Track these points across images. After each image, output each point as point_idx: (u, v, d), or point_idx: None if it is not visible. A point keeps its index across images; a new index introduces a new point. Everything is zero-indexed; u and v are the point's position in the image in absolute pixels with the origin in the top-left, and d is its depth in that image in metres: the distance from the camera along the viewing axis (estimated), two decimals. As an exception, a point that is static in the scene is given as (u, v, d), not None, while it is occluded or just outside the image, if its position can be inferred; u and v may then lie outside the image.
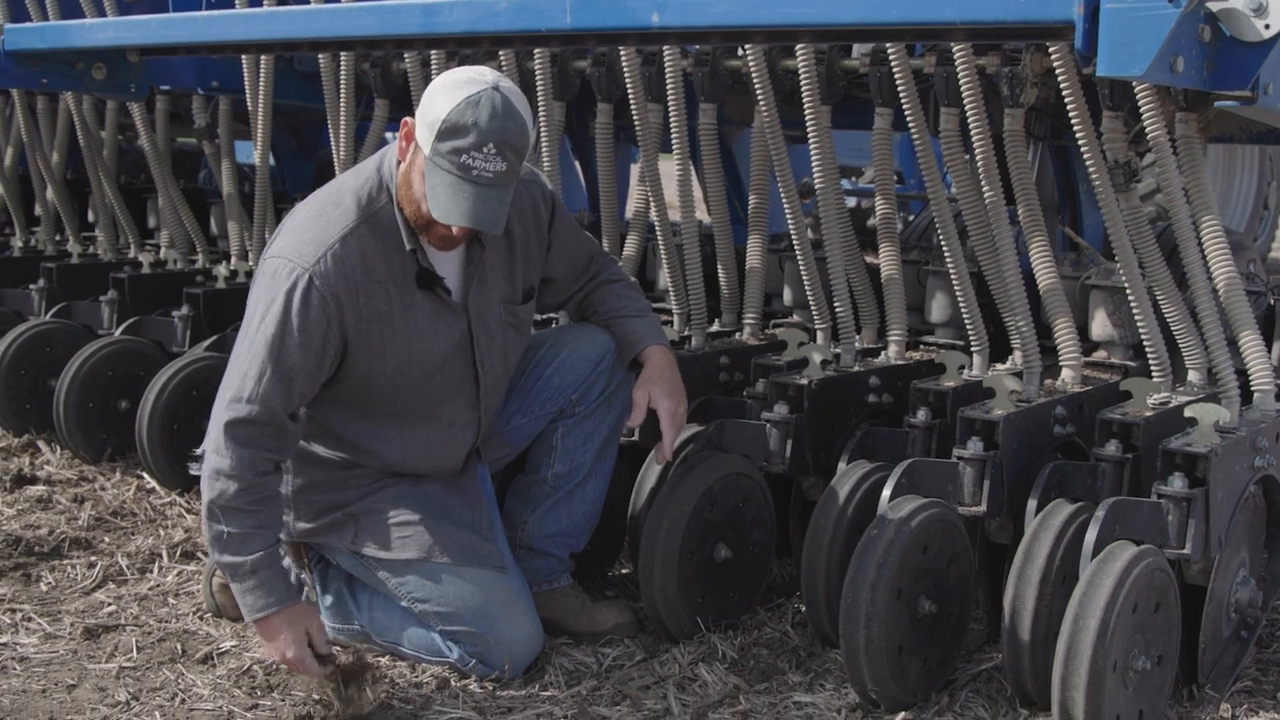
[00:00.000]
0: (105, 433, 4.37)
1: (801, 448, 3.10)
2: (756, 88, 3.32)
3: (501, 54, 3.74)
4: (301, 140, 6.16)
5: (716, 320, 3.77)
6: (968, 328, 3.20)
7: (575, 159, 5.07)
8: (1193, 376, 2.95)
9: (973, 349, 3.21)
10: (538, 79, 3.74)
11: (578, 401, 3.06)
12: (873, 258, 3.48)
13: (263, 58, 4.24)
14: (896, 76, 3.07)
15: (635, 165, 4.40)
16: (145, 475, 4.14)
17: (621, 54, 3.51)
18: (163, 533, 3.75)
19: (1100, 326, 3.35)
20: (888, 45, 3.06)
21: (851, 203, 6.99)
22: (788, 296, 3.92)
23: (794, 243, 3.43)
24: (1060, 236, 4.04)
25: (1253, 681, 2.87)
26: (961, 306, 3.19)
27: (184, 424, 3.95)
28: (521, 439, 3.12)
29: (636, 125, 3.57)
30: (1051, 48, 2.81)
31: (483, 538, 2.89)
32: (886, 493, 2.75)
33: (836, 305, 3.35)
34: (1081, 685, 2.36)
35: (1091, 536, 2.52)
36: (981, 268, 3.12)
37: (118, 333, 4.55)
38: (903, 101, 3.09)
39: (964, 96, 2.96)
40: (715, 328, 3.75)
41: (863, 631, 2.56)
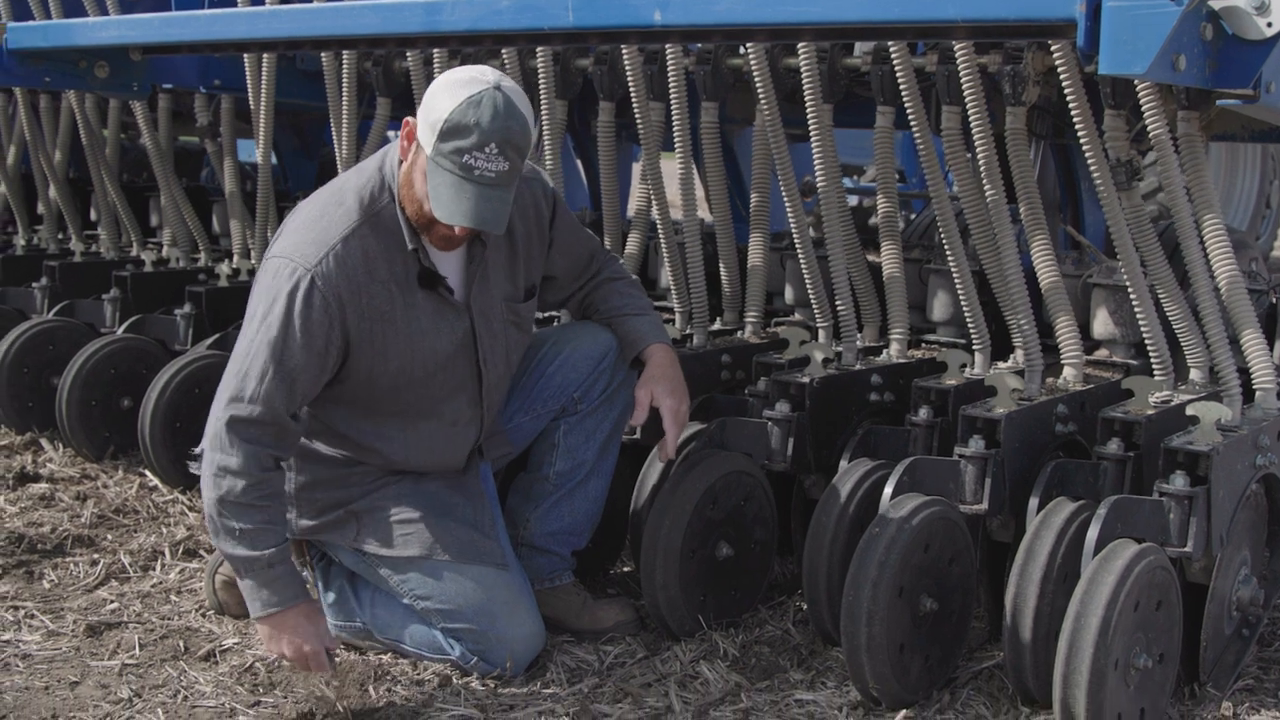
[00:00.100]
0: (108, 431, 4.37)
1: (803, 446, 3.10)
2: (758, 86, 3.32)
3: (504, 52, 3.75)
4: (304, 139, 6.15)
5: (718, 318, 3.77)
6: (969, 326, 3.20)
7: (577, 157, 5.07)
8: (1194, 375, 2.95)
9: (974, 347, 3.21)
10: (540, 77, 3.74)
11: (580, 399, 3.06)
12: (874, 256, 3.48)
13: (265, 56, 4.24)
14: (898, 75, 3.07)
15: (637, 164, 4.40)
16: (147, 473, 4.15)
17: (624, 52, 3.51)
18: (165, 530, 3.76)
19: (1102, 325, 3.35)
20: (890, 43, 3.07)
21: (853, 201, 6.98)
22: (789, 295, 3.92)
23: (796, 241, 3.43)
24: (1062, 235, 4.04)
25: (1254, 680, 2.88)
26: (963, 305, 3.19)
27: (186, 422, 3.95)
28: (524, 437, 3.12)
29: (638, 124, 3.57)
30: (1053, 46, 2.81)
31: (485, 535, 2.89)
32: (888, 491, 2.76)
33: (838, 303, 3.36)
34: (1083, 683, 2.36)
35: (1093, 535, 2.52)
36: (983, 266, 3.13)
37: (120, 331, 4.55)
38: (904, 100, 3.09)
39: (966, 95, 2.96)
40: (717, 326, 3.75)
41: (864, 629, 2.56)
